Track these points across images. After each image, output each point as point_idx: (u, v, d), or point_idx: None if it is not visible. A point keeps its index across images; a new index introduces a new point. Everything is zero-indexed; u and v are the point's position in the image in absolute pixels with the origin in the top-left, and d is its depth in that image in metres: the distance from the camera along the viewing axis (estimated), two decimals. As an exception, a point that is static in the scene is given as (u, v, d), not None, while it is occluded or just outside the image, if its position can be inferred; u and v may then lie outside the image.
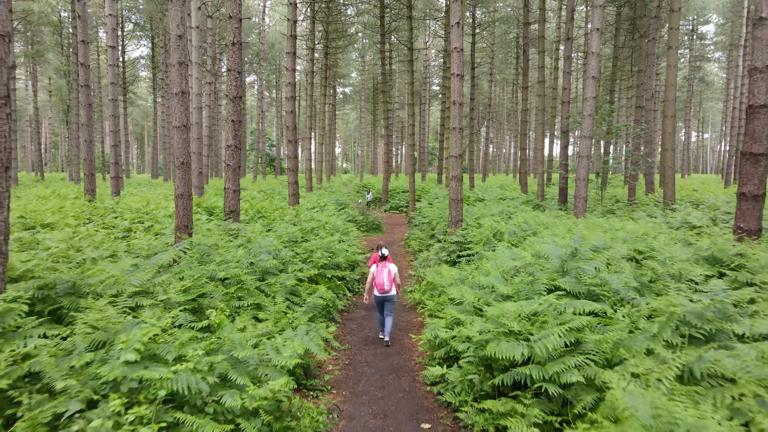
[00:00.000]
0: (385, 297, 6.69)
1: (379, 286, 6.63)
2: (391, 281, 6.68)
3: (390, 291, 6.67)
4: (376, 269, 6.72)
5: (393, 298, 6.74)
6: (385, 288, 6.62)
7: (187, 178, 7.20)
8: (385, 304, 6.75)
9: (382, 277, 6.63)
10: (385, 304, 6.75)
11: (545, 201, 19.64)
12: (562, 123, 16.86)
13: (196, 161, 17.75)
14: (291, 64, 15.31)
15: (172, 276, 5.69)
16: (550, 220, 11.26)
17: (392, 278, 6.71)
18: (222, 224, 9.90)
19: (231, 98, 10.25)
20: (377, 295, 6.72)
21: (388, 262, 6.83)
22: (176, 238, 7.28)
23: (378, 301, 6.77)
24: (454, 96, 10.47)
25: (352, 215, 18.09)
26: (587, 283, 5.07)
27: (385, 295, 6.68)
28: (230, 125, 10.30)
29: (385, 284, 6.61)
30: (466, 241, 9.77)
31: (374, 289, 6.74)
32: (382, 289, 6.63)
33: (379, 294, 6.69)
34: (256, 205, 14.51)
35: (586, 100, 12.40)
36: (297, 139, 15.17)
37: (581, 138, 12.57)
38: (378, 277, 6.65)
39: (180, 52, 6.96)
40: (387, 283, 6.61)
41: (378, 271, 6.68)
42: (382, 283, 6.61)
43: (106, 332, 3.83)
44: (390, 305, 6.76)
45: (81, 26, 13.00)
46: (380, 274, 6.65)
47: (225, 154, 9.72)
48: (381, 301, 6.74)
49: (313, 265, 8.74)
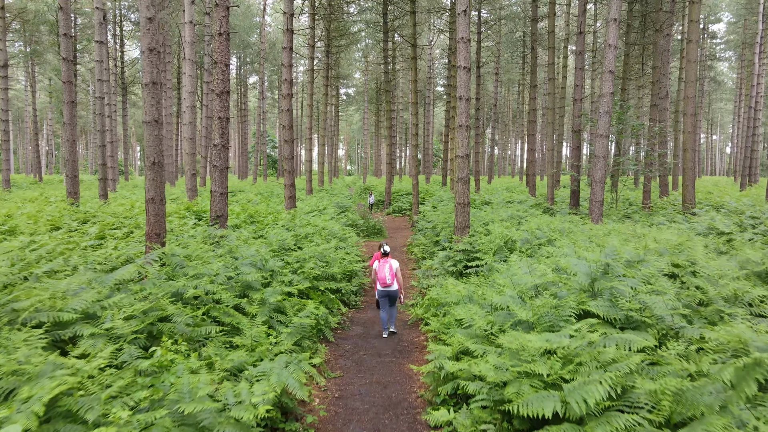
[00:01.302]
0: (387, 291, 7.07)
1: (381, 280, 7.02)
2: (393, 276, 7.04)
3: (392, 285, 7.05)
4: (378, 265, 7.14)
5: (395, 292, 7.10)
6: (387, 282, 7.00)
7: (159, 180, 6.36)
8: (387, 298, 7.12)
9: (384, 271, 7.02)
10: (387, 298, 7.12)
11: (555, 204, 18.71)
12: (574, 122, 15.94)
13: (189, 162, 16.96)
14: (287, 60, 14.50)
15: (131, 295, 4.85)
16: (565, 226, 10.37)
17: (394, 273, 7.06)
18: (207, 230, 9.06)
19: (217, 93, 9.43)
20: (380, 290, 7.11)
21: (390, 258, 7.21)
22: (146, 248, 6.44)
23: (380, 295, 7.14)
24: (461, 91, 9.59)
25: (353, 219, 17.23)
26: (624, 308, 4.18)
27: (387, 290, 7.06)
28: (216, 123, 9.47)
29: (387, 278, 7.00)
30: (473, 249, 8.88)
31: (377, 283, 7.14)
32: (384, 283, 7.02)
33: (381, 288, 7.07)
34: (250, 209, 13.68)
35: (603, 96, 11.50)
36: (294, 139, 14.35)
37: (597, 137, 11.65)
38: (380, 272, 7.05)
39: (150, 37, 6.12)
40: (389, 277, 7.00)
41: (380, 267, 7.09)
42: (384, 277, 7.00)
43: (19, 377, 2.98)
44: (392, 299, 7.15)
45: (63, 19, 12.24)
46: (382, 269, 7.05)
47: (211, 154, 8.86)
48: (383, 295, 7.10)
49: (304, 277, 7.88)
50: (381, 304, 7.19)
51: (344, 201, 21.95)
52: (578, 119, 15.79)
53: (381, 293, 7.09)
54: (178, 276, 5.78)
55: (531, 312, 4.32)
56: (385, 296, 7.08)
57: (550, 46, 17.87)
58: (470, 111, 9.62)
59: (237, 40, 37.45)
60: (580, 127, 15.92)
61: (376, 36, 32.16)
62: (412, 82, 19.88)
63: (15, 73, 57.69)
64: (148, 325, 4.40)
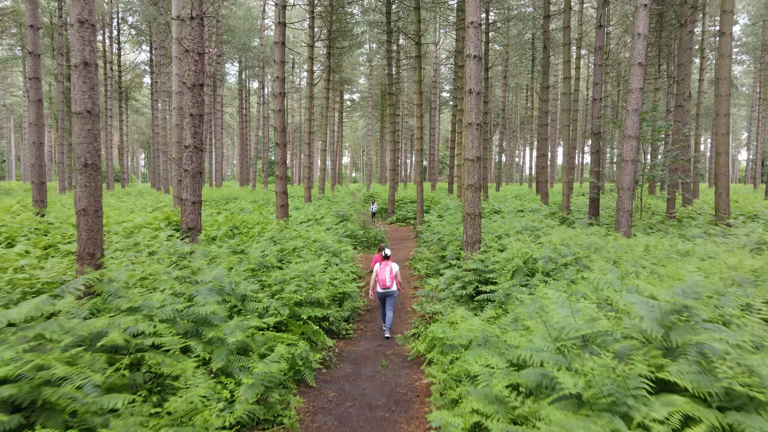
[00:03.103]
0: (387, 292, 7.31)
1: (382, 282, 7.27)
2: (393, 278, 7.31)
3: (391, 287, 7.30)
4: (379, 267, 7.38)
5: (394, 293, 7.36)
6: (387, 284, 7.26)
7: (93, 186, 5.05)
8: (386, 300, 7.35)
9: (385, 274, 7.28)
10: (386, 300, 7.35)
11: (571, 213, 17.29)
12: (593, 123, 14.55)
13: (176, 169, 15.77)
14: (279, 56, 13.27)
15: (30, 341, 3.53)
16: (592, 240, 8.98)
17: (394, 276, 7.34)
18: (174, 245, 7.76)
19: (189, 86, 8.17)
20: (380, 291, 7.32)
21: (391, 261, 7.48)
22: (77, 271, 5.12)
23: (380, 297, 7.37)
24: (471, 83, 8.26)
25: (352, 230, 15.90)
26: (723, 376, 2.80)
27: (387, 291, 7.30)
28: (188, 120, 8.21)
29: (387, 280, 7.25)
30: (486, 269, 7.50)
31: (377, 285, 7.35)
32: (384, 284, 7.26)
33: (381, 290, 7.31)
34: (236, 218, 12.39)
35: (632, 91, 10.13)
36: (286, 142, 13.08)
37: (625, 138, 10.27)
38: (381, 274, 7.30)
39: (81, 6, 4.84)
40: (389, 279, 7.26)
41: (381, 269, 7.34)
42: (384, 279, 7.26)
43: None
44: (391, 300, 7.36)
45: (30, 9, 11.08)
46: (383, 272, 7.31)
47: (183, 156, 7.61)
48: (383, 296, 7.34)
49: (283, 303, 6.54)
50: (381, 305, 7.46)
51: (345, 209, 20.63)
52: (597, 121, 14.41)
53: (380, 294, 7.32)
54: (106, 310, 4.46)
55: (582, 380, 2.94)
56: (384, 297, 7.33)
57: (566, 42, 16.54)
58: (481, 107, 8.28)
59: (238, 44, 36.47)
60: (600, 129, 14.53)
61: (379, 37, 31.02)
62: (417, 83, 18.60)
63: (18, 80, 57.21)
64: (27, 392, 3.07)
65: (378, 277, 7.32)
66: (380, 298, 7.38)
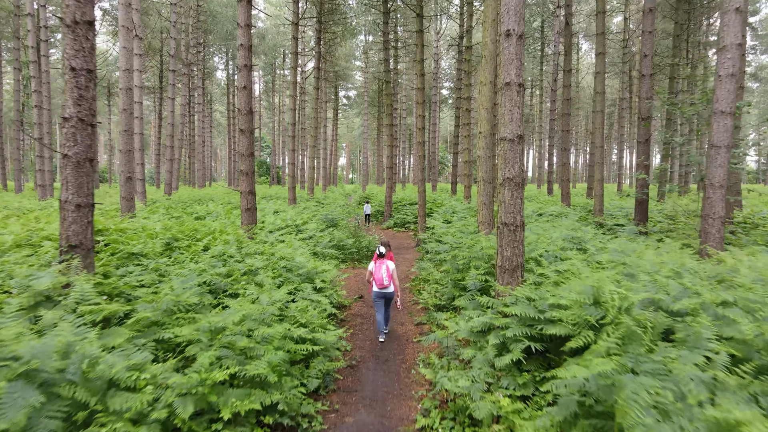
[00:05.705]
0: (384, 293, 6.73)
1: (378, 281, 6.69)
2: (390, 277, 6.72)
3: (388, 287, 6.74)
4: (374, 266, 6.78)
5: (391, 294, 6.77)
6: (384, 283, 6.67)
7: None
8: (384, 301, 6.79)
9: (381, 273, 6.69)
10: (384, 301, 6.79)
11: (604, 217, 14.34)
12: (641, 105, 11.61)
13: (125, 162, 12.83)
14: (244, 18, 10.31)
15: None
16: (674, 258, 6.08)
17: (390, 274, 6.73)
18: (33, 276, 4.79)
19: (67, 24, 5.21)
20: (376, 291, 6.77)
21: (387, 259, 6.89)
22: None
23: (376, 297, 6.78)
24: (509, 23, 5.29)
25: (339, 238, 12.93)
26: None
27: (384, 291, 6.72)
28: (69, 75, 5.25)
29: (383, 280, 6.66)
30: (542, 316, 4.48)
31: (373, 285, 6.80)
32: (381, 284, 6.67)
33: (377, 289, 6.74)
34: (184, 225, 9.40)
35: (725, 49, 7.19)
36: (252, 129, 10.11)
37: (715, 115, 7.33)
38: (377, 273, 6.72)
39: None
40: (386, 278, 6.67)
41: (377, 268, 6.74)
42: (381, 278, 6.67)
43: None
44: (388, 301, 6.81)
45: None
46: (379, 270, 6.70)
47: (62, 134, 4.46)
48: (380, 297, 6.75)
49: (187, 390, 3.57)
50: (377, 306, 6.83)
51: (335, 213, 17.66)
52: (648, 102, 11.46)
53: (377, 294, 6.79)
54: None
55: None
56: (381, 298, 6.77)
57: (600, 11, 13.61)
58: (523, 59, 5.33)
59: (222, 32, 33.46)
60: (649, 113, 11.57)
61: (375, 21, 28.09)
62: (419, 63, 15.65)
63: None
64: None
65: (374, 277, 6.74)
66: (376, 299, 6.78)
